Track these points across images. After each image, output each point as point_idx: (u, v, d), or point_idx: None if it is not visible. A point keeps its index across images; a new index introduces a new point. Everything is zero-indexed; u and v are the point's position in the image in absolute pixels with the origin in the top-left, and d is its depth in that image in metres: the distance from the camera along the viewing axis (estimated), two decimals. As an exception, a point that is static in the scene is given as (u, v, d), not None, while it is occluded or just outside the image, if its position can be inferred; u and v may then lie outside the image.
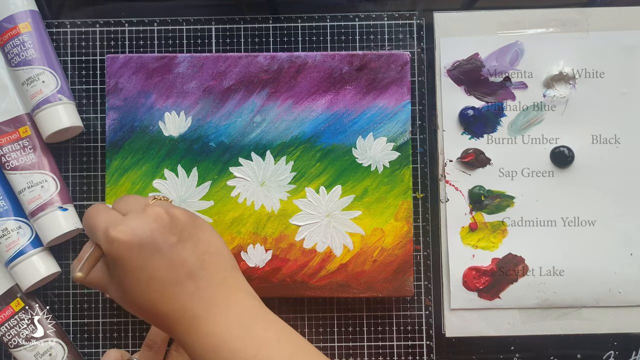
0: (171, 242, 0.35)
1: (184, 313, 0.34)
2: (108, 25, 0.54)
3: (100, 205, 0.37)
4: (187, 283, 0.34)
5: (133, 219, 0.35)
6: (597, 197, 0.52)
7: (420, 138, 0.53)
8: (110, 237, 0.34)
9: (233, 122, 0.50)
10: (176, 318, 0.34)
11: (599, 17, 0.52)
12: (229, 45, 0.53)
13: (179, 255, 0.35)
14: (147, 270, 0.34)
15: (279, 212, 0.50)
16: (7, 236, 0.49)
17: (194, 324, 0.34)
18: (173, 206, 0.37)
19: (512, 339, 0.52)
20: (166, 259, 0.34)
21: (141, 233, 0.34)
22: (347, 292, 0.49)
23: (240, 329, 0.34)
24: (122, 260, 0.34)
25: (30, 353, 0.49)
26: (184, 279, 0.34)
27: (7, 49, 0.50)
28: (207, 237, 0.37)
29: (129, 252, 0.34)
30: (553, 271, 0.51)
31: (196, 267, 0.35)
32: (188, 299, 0.34)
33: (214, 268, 0.36)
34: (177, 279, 0.34)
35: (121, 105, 0.50)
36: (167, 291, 0.34)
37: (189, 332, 0.34)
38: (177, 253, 0.35)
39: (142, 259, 0.34)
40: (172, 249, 0.34)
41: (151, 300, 0.34)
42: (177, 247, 0.35)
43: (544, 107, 0.52)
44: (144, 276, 0.34)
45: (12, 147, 0.50)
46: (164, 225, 0.35)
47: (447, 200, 0.52)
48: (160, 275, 0.34)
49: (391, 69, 0.50)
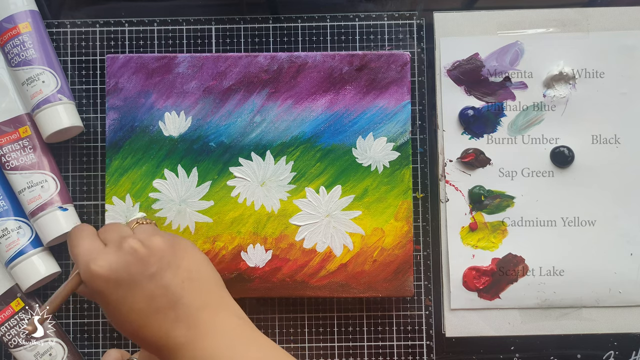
0: (149, 273, 0.35)
1: (168, 341, 0.35)
2: (108, 25, 0.54)
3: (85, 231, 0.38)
4: (168, 312, 0.35)
5: (110, 253, 0.36)
6: (597, 197, 0.52)
7: (420, 138, 0.53)
8: (90, 269, 0.35)
9: (233, 122, 0.50)
10: (161, 345, 0.35)
11: (599, 17, 0.52)
12: (229, 45, 0.53)
13: (157, 286, 0.35)
14: (126, 303, 0.35)
15: (279, 212, 0.50)
16: (7, 236, 0.49)
17: (180, 351, 0.34)
18: (153, 233, 0.38)
19: (512, 339, 0.52)
20: (144, 291, 0.35)
21: (117, 268, 0.35)
22: (347, 292, 0.49)
23: (226, 351, 0.34)
24: (101, 295, 0.35)
25: (30, 353, 0.49)
26: (164, 308, 0.35)
27: (7, 49, 0.50)
28: (187, 262, 0.37)
29: (106, 287, 0.35)
30: (553, 271, 0.51)
31: (177, 295, 0.35)
32: (170, 326, 0.35)
33: (196, 293, 0.36)
34: (156, 309, 0.35)
35: (121, 105, 0.50)
36: (148, 321, 0.35)
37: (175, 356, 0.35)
38: (155, 284, 0.35)
39: (120, 293, 0.35)
40: (150, 281, 0.35)
41: (134, 328, 0.35)
42: (154, 278, 0.35)
43: (544, 107, 0.52)
44: (124, 309, 0.35)
45: (12, 147, 0.50)
46: (140, 259, 0.36)
47: (447, 200, 0.52)
48: (140, 307, 0.35)
49: (391, 69, 0.50)
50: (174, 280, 0.36)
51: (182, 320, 0.35)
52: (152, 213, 0.50)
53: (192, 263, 0.37)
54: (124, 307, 0.35)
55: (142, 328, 0.35)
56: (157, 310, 0.35)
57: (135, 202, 0.50)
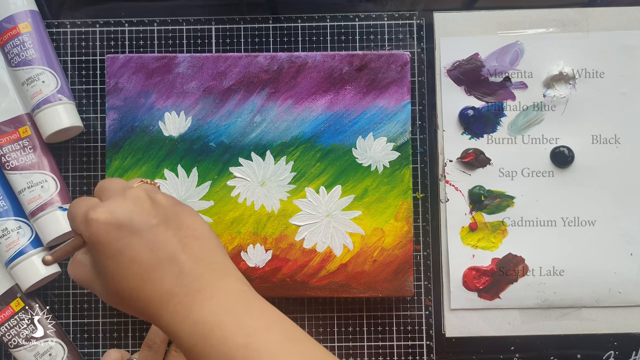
0: (151, 224, 0.33)
1: (170, 298, 0.33)
2: (108, 25, 0.54)
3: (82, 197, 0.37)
4: (170, 266, 0.33)
5: (112, 201, 0.34)
6: (597, 197, 0.52)
7: (420, 138, 0.53)
8: (89, 218, 0.33)
9: (233, 122, 0.50)
10: (162, 304, 0.33)
11: (599, 17, 0.52)
12: (229, 45, 0.53)
13: (160, 237, 0.33)
14: (127, 253, 0.33)
15: (279, 212, 0.50)
16: (7, 236, 0.49)
17: (180, 311, 0.32)
18: (157, 191, 0.36)
19: (512, 339, 0.52)
20: (146, 240, 0.33)
21: (119, 214, 0.33)
22: (347, 292, 0.49)
23: (229, 316, 0.32)
24: (102, 244, 0.33)
25: (30, 353, 0.49)
26: (165, 261, 0.33)
27: (7, 49, 0.50)
28: (191, 222, 0.35)
29: (107, 233, 0.33)
30: (553, 271, 0.51)
31: (178, 249, 0.33)
32: (173, 283, 0.33)
33: (200, 251, 0.34)
34: (158, 261, 0.33)
35: (121, 105, 0.50)
36: (149, 275, 0.33)
37: (175, 319, 0.32)
38: (158, 235, 0.33)
39: (121, 241, 0.33)
40: (152, 231, 0.33)
41: (133, 286, 0.33)
42: (157, 228, 0.33)
43: (544, 107, 0.52)
44: (124, 260, 0.33)
45: (12, 147, 0.50)
46: (144, 207, 0.34)
47: (447, 200, 0.52)
48: (141, 258, 0.33)
49: (391, 69, 0.50)
50: (178, 234, 0.34)
51: (185, 277, 0.33)
52: (152, 213, 0.50)
53: (196, 224, 0.35)
54: (125, 258, 0.32)
55: (141, 285, 0.33)
56: (160, 262, 0.33)
57: (135, 202, 0.50)
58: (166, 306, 0.33)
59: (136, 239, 0.33)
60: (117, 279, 0.33)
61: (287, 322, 0.34)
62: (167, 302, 0.33)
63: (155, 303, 0.33)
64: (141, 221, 0.33)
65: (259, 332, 0.32)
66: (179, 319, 0.32)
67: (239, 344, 0.31)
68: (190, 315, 0.32)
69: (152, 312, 0.33)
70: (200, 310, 0.32)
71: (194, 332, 0.32)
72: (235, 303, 0.33)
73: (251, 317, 0.33)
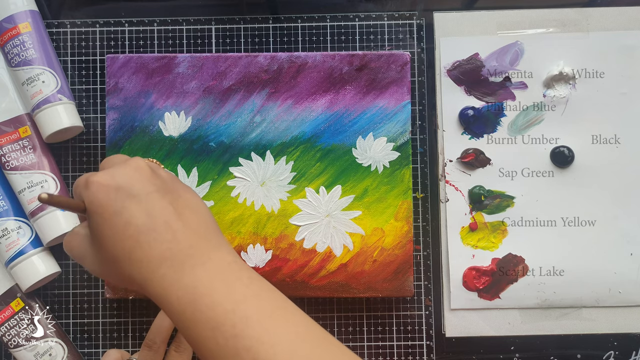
0: (149, 190, 0.34)
1: (161, 262, 0.33)
2: (108, 25, 0.54)
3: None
4: (165, 231, 0.33)
5: (114, 168, 0.35)
6: (597, 197, 0.52)
7: (420, 138, 0.53)
8: (89, 181, 0.34)
9: (233, 122, 0.50)
10: (153, 268, 0.33)
11: (599, 17, 0.52)
12: (229, 45, 0.53)
13: (157, 204, 0.34)
14: (124, 215, 0.33)
15: (279, 212, 0.50)
16: (7, 236, 0.49)
17: (171, 275, 0.33)
18: (160, 167, 0.38)
19: (512, 339, 0.52)
20: (143, 205, 0.34)
21: (119, 178, 0.34)
22: (347, 292, 0.49)
23: (219, 283, 0.33)
24: (100, 206, 0.34)
25: (30, 353, 0.49)
26: (161, 226, 0.33)
27: (7, 49, 0.50)
28: (189, 196, 0.36)
29: (106, 195, 0.34)
30: (553, 271, 0.51)
31: (174, 217, 0.34)
32: (166, 247, 0.33)
33: (195, 222, 0.35)
34: (153, 226, 0.33)
35: (121, 105, 0.50)
36: (143, 237, 0.33)
37: (165, 283, 0.33)
38: (155, 201, 0.34)
39: (119, 202, 0.33)
40: (149, 197, 0.34)
41: (127, 248, 0.33)
42: (154, 195, 0.34)
43: (544, 107, 0.52)
44: (120, 221, 0.33)
45: (12, 147, 0.50)
46: (144, 175, 0.35)
47: (447, 200, 0.52)
48: (137, 222, 0.33)
49: (391, 69, 0.50)
50: (174, 204, 0.35)
51: (179, 243, 0.33)
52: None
53: (194, 199, 0.37)
54: (120, 220, 0.33)
55: (134, 247, 0.33)
56: (155, 227, 0.33)
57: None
58: (157, 270, 0.33)
59: (134, 203, 0.34)
60: (111, 241, 0.34)
61: (276, 293, 0.34)
62: (159, 266, 0.33)
63: (147, 267, 0.33)
64: (140, 187, 0.34)
65: (248, 299, 0.32)
66: (168, 283, 0.33)
67: (227, 310, 0.32)
68: (181, 280, 0.33)
69: (142, 276, 0.33)
70: (191, 276, 0.33)
71: (184, 297, 0.32)
72: (225, 271, 0.34)
73: (241, 285, 0.33)
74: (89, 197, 0.34)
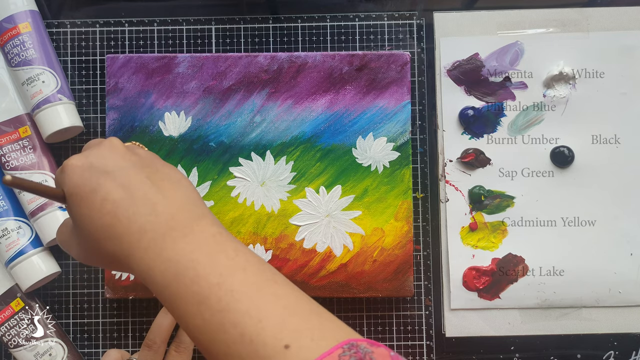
0: (123, 165, 0.34)
1: (142, 236, 0.32)
2: (108, 25, 0.54)
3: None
4: (143, 205, 0.33)
5: (88, 150, 0.36)
6: (597, 197, 0.52)
7: (420, 138, 0.53)
8: (64, 165, 0.34)
9: (233, 122, 0.50)
10: (133, 242, 0.32)
11: (599, 17, 0.52)
12: (229, 45, 0.53)
13: (133, 178, 0.34)
14: (99, 192, 0.33)
15: (279, 212, 0.50)
16: (7, 236, 0.49)
17: (153, 248, 0.32)
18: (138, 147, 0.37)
19: (512, 339, 0.52)
20: (119, 180, 0.33)
21: (92, 157, 0.34)
22: (347, 292, 0.49)
23: (203, 255, 0.31)
24: (75, 186, 0.33)
25: (30, 353, 0.49)
26: (139, 200, 0.33)
27: (7, 49, 0.50)
28: (168, 170, 0.36)
29: (80, 175, 0.34)
30: (553, 271, 0.51)
31: (152, 190, 0.33)
32: (146, 220, 0.32)
33: (173, 194, 0.34)
34: (131, 200, 0.33)
35: (121, 105, 0.50)
36: (121, 211, 0.32)
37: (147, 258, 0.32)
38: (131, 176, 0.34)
39: (94, 180, 0.33)
40: (124, 172, 0.34)
41: (106, 225, 0.33)
42: (130, 170, 0.34)
43: (544, 107, 0.52)
44: (97, 198, 0.33)
45: (12, 147, 0.50)
46: (117, 152, 0.35)
47: (447, 200, 0.52)
48: (114, 196, 0.33)
49: (391, 69, 0.50)
50: (152, 178, 0.34)
51: (159, 215, 0.32)
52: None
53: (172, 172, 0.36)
54: (97, 197, 0.33)
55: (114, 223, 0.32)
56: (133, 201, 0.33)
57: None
58: (138, 244, 0.32)
59: (109, 179, 0.33)
60: (89, 220, 0.33)
61: (263, 265, 0.33)
62: (139, 240, 0.32)
63: (128, 242, 0.32)
64: (114, 163, 0.34)
65: (234, 272, 0.31)
66: (151, 257, 0.32)
67: (212, 283, 0.30)
68: (163, 253, 0.32)
69: (124, 253, 0.33)
70: (173, 249, 0.32)
71: (167, 271, 0.31)
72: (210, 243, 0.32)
73: (226, 258, 0.32)
74: (65, 181, 0.34)
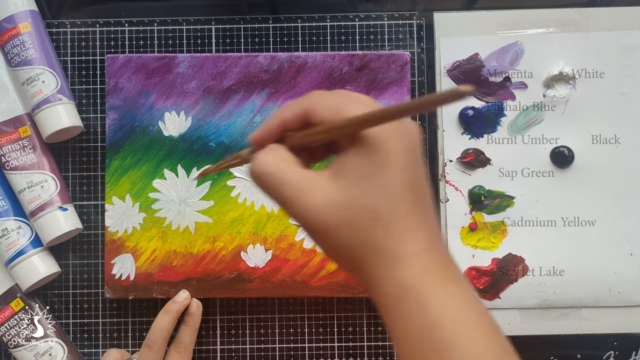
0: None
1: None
2: (108, 25, 0.54)
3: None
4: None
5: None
6: (597, 197, 0.52)
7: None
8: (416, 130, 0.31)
9: (233, 122, 0.50)
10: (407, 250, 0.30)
11: (599, 17, 0.52)
12: (229, 45, 0.53)
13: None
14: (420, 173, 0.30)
15: (279, 212, 0.50)
16: (7, 236, 0.49)
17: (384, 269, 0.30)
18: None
19: (512, 339, 0.51)
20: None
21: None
22: (347, 292, 0.49)
23: (459, 313, 0.29)
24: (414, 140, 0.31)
25: (30, 353, 0.49)
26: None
27: (7, 49, 0.50)
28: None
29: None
30: (553, 271, 0.51)
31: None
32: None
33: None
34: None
35: (121, 105, 0.50)
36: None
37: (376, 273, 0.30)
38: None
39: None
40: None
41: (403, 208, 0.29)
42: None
43: (544, 107, 0.52)
44: (422, 171, 0.30)
45: (12, 147, 0.50)
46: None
47: (447, 200, 0.52)
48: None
49: (391, 69, 0.50)
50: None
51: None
52: (152, 213, 0.50)
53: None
54: (422, 170, 0.30)
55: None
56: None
57: (135, 202, 0.50)
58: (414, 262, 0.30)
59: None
60: (410, 171, 0.30)
61: (489, 317, 0.32)
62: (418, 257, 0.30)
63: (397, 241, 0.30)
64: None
65: (459, 317, 0.30)
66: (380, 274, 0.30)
67: (474, 355, 0.29)
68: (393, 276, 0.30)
69: (381, 245, 0.30)
70: (402, 276, 0.30)
71: (424, 326, 0.30)
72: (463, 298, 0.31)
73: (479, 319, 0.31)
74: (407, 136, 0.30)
